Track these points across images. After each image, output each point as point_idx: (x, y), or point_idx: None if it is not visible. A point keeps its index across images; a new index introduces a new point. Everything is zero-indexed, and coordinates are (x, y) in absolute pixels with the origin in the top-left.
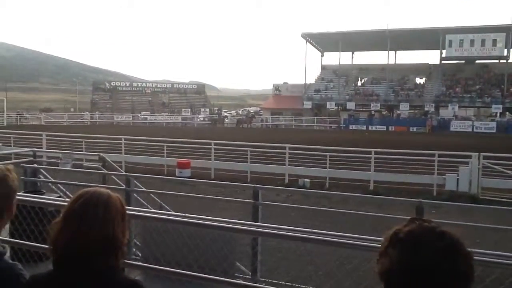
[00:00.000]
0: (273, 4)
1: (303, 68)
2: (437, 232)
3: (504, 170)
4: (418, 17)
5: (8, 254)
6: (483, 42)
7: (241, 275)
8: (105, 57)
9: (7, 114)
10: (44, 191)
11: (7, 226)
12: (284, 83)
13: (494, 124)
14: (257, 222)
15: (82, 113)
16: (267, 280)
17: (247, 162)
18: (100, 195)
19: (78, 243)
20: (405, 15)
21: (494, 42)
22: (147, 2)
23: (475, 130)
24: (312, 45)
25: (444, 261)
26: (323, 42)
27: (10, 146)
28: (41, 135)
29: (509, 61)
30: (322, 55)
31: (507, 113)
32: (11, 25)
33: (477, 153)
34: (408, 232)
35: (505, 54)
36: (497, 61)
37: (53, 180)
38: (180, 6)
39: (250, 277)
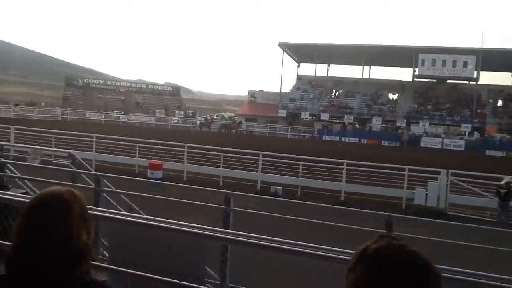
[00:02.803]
0: (252, 12)
1: (279, 76)
2: (405, 251)
3: (471, 188)
4: (393, 34)
5: None
6: (454, 63)
7: (211, 281)
8: (79, 53)
9: None
10: (10, 186)
11: None
12: (260, 90)
13: (463, 142)
14: (228, 228)
15: (53, 108)
16: (236, 286)
17: (220, 166)
18: (58, 194)
19: (32, 244)
20: (381, 31)
21: (465, 63)
22: (126, 2)
23: (444, 147)
24: (289, 55)
25: (411, 280)
26: (300, 52)
27: None
28: (9, 128)
29: (478, 83)
30: (298, 65)
31: (475, 132)
32: None
33: (445, 170)
34: (376, 249)
35: (475, 76)
36: (467, 82)
37: (20, 175)
38: (160, 8)
39: (219, 283)
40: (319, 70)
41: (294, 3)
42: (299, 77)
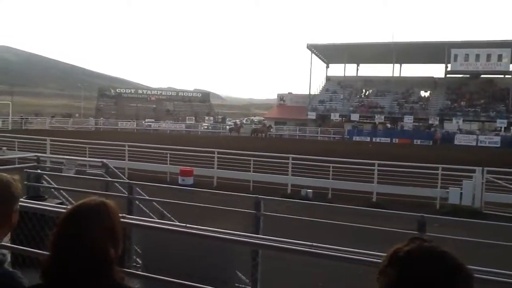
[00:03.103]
0: (279, 14)
1: (308, 78)
2: (437, 253)
3: (508, 185)
4: (423, 30)
5: (9, 260)
6: (488, 57)
7: (242, 285)
8: (111, 64)
9: (12, 118)
10: (47, 197)
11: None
12: (289, 93)
13: (498, 138)
14: (258, 232)
15: (87, 119)
16: None
17: (250, 171)
18: (92, 205)
19: (65, 253)
20: (411, 28)
21: (500, 57)
22: (153, 9)
23: (479, 144)
24: (317, 56)
25: (442, 282)
26: (328, 53)
27: (15, 150)
28: (45, 140)
29: None
30: (327, 66)
31: (511, 127)
32: (18, 30)
33: (480, 168)
34: (408, 252)
35: (511, 69)
36: (502, 76)
37: (56, 186)
38: (187, 14)
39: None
40: (349, 70)
41: (322, 3)
42: (328, 78)
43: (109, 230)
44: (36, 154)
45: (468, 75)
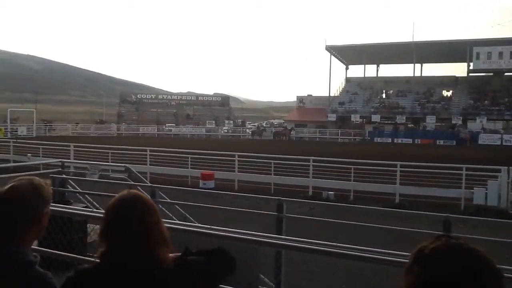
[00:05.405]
0: (298, 16)
1: (327, 80)
2: (463, 249)
3: None
4: (444, 29)
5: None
6: (511, 54)
7: None
8: (132, 70)
9: (36, 125)
10: (72, 201)
11: None
12: (308, 95)
13: None
14: (281, 234)
15: (109, 125)
16: None
17: (271, 174)
18: (134, 195)
19: (123, 239)
20: (432, 26)
21: None
22: (173, 16)
23: (504, 143)
24: (337, 57)
25: (471, 279)
26: (348, 54)
27: (39, 156)
28: (69, 146)
29: None
30: (347, 68)
31: None
32: (41, 38)
33: (506, 167)
34: (434, 249)
35: None
36: None
37: (80, 190)
38: (206, 19)
39: None
40: (369, 71)
41: (340, 4)
42: (348, 80)
43: (155, 212)
44: (61, 159)
45: (491, 73)
